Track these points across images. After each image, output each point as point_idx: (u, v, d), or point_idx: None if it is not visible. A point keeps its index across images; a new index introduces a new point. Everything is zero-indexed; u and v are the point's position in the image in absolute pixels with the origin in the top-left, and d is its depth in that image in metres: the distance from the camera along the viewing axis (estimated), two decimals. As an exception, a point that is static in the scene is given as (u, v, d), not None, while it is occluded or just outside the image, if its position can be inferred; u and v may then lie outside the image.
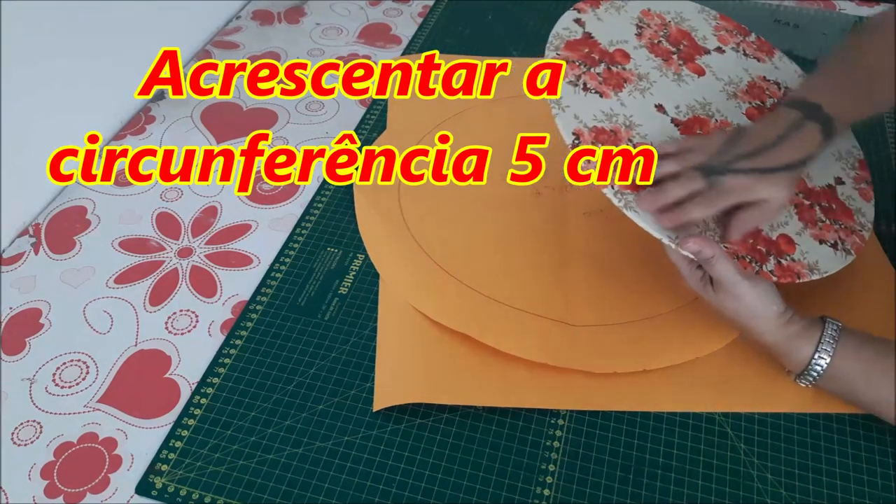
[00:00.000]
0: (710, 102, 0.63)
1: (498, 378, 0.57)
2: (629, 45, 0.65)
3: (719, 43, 0.68)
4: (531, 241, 0.68)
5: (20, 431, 0.56)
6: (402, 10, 1.02)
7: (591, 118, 0.57)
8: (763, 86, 0.67)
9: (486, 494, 0.52)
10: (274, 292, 0.65)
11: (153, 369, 0.59)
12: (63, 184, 0.75)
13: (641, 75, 0.62)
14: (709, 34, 0.69)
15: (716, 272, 0.52)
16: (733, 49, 0.68)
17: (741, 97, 0.65)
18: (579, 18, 0.65)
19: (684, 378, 0.58)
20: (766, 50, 0.70)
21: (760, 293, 0.53)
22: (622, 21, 0.66)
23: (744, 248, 0.54)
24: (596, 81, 0.60)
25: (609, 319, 0.62)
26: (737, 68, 0.67)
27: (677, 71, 0.64)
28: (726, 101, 0.64)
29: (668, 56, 0.65)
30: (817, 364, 0.53)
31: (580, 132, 0.56)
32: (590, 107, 0.58)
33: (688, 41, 0.67)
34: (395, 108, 0.83)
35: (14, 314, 0.63)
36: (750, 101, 0.65)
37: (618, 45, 0.64)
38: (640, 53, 0.64)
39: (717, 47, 0.68)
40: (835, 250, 0.57)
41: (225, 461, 0.53)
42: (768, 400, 0.57)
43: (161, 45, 0.86)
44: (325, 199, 0.73)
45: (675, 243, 0.52)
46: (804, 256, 0.56)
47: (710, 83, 0.65)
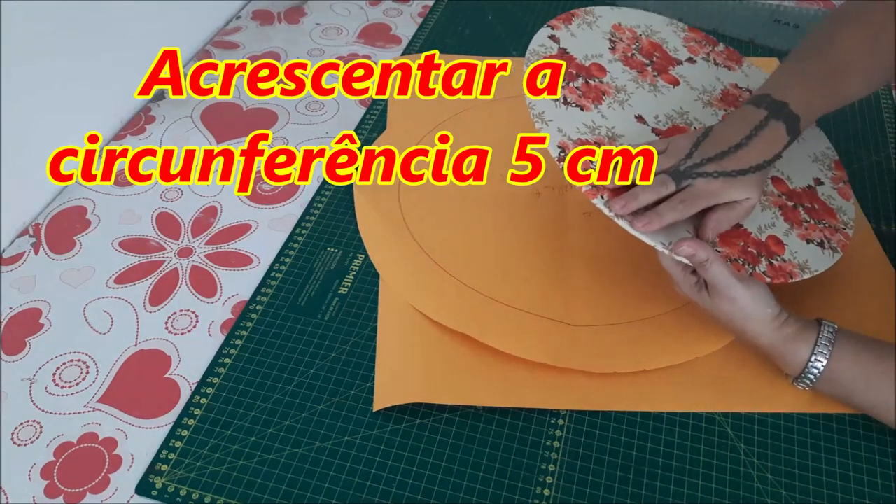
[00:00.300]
0: (688, 111, 0.64)
1: (498, 378, 0.57)
2: (604, 59, 0.66)
3: (690, 54, 0.70)
4: (531, 241, 0.68)
5: (20, 431, 0.56)
6: (402, 10, 1.02)
7: (575, 130, 0.58)
8: (736, 93, 0.68)
9: (486, 494, 0.52)
10: (274, 292, 0.65)
11: (153, 369, 0.59)
12: (63, 184, 0.75)
13: (619, 87, 0.63)
14: (679, 45, 0.70)
15: (710, 275, 0.52)
16: (703, 59, 0.70)
17: (716, 105, 0.66)
18: (553, 35, 0.66)
19: (684, 378, 0.58)
20: (734, 59, 0.72)
21: (755, 295, 0.53)
22: (595, 36, 0.67)
23: (735, 250, 0.55)
24: (576, 95, 0.61)
25: (609, 319, 0.62)
26: (709, 77, 0.68)
27: (652, 82, 0.65)
28: (703, 110, 0.65)
29: (642, 68, 0.66)
30: (814, 367, 0.53)
31: (565, 145, 0.57)
32: (573, 120, 0.59)
33: (660, 53, 0.68)
34: (395, 108, 0.83)
35: (14, 314, 0.63)
36: (725, 108, 0.66)
37: (593, 60, 0.65)
38: (616, 66, 0.65)
39: (688, 58, 0.69)
40: (822, 249, 0.58)
41: (225, 461, 0.53)
42: (768, 400, 0.57)
43: (161, 45, 0.86)
44: (325, 199, 0.73)
45: (668, 249, 0.52)
46: (794, 256, 0.56)
47: (685, 93, 0.66)
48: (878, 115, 0.83)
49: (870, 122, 0.82)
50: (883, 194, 0.73)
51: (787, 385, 0.57)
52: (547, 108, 0.59)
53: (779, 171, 0.62)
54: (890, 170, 0.76)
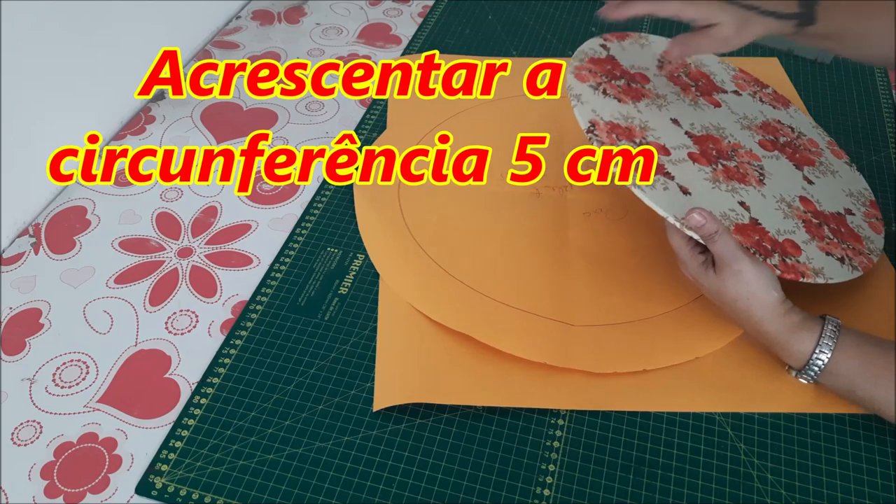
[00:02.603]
0: (725, 127, 0.64)
1: (497, 378, 0.57)
2: (650, 72, 0.66)
3: (736, 87, 0.71)
4: (531, 240, 0.68)
5: (20, 431, 0.56)
6: (402, 10, 1.02)
7: (608, 115, 0.58)
8: (777, 126, 0.68)
9: (486, 494, 0.52)
10: (274, 292, 0.65)
11: (153, 369, 0.59)
12: (63, 184, 0.75)
13: (659, 94, 0.64)
14: (727, 80, 0.71)
15: (717, 247, 0.52)
16: (750, 95, 0.71)
17: (755, 130, 0.66)
18: (605, 44, 0.66)
19: (684, 378, 0.58)
20: (782, 101, 0.72)
21: (761, 274, 0.53)
22: (645, 54, 0.68)
23: (749, 241, 0.54)
24: (616, 90, 0.61)
25: (609, 320, 0.62)
26: (752, 109, 0.69)
27: (694, 99, 0.66)
28: (740, 131, 0.65)
29: (686, 87, 0.66)
30: (818, 359, 0.53)
31: (596, 122, 0.57)
32: (608, 107, 0.59)
33: (706, 80, 0.69)
34: (394, 108, 0.83)
35: (14, 314, 0.63)
36: (763, 135, 0.66)
37: (639, 70, 0.65)
38: (660, 80, 0.66)
39: (734, 90, 0.70)
40: (842, 264, 0.57)
41: (225, 461, 0.53)
42: (768, 400, 0.57)
43: (161, 45, 0.86)
44: (325, 199, 0.73)
45: (679, 221, 0.52)
46: (810, 261, 0.56)
47: (725, 114, 0.66)
48: (878, 115, 0.83)
49: (870, 122, 0.82)
50: (883, 194, 0.73)
51: (788, 384, 0.57)
52: (585, 91, 0.59)
53: (808, 194, 0.62)
54: (890, 170, 0.76)
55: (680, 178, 0.57)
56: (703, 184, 0.58)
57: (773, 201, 0.60)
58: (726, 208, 0.57)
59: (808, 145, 0.69)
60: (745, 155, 0.63)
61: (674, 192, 0.56)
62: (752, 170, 0.62)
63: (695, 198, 0.56)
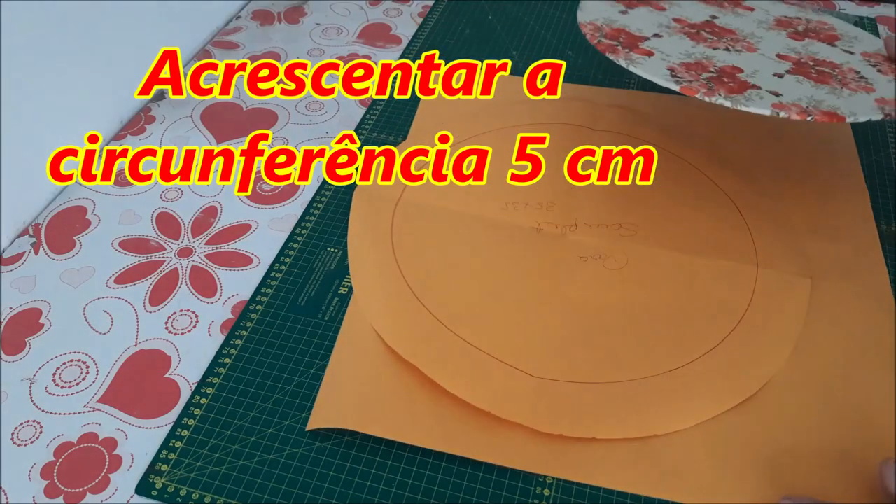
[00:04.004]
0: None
1: (443, 420, 0.53)
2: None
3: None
4: (518, 282, 0.63)
5: (20, 431, 0.56)
6: (402, 10, 1.02)
7: (679, 56, 0.58)
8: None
9: (486, 494, 0.52)
10: (274, 292, 0.65)
11: (153, 369, 0.59)
12: (63, 184, 0.75)
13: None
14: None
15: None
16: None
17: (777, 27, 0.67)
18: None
19: (633, 454, 0.52)
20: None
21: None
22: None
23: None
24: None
25: (577, 377, 0.56)
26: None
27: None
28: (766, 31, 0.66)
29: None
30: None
31: (672, 68, 0.56)
32: (674, 47, 0.59)
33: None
34: (423, 109, 0.82)
35: (14, 314, 0.63)
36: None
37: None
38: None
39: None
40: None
41: (225, 461, 0.53)
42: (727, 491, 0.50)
43: (161, 45, 0.86)
44: (325, 199, 0.73)
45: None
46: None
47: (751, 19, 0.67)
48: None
49: (870, 122, 0.82)
50: (883, 194, 0.73)
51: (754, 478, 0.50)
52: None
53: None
54: (890, 169, 0.76)
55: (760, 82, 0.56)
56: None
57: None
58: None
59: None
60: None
61: (767, 98, 0.54)
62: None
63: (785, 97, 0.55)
